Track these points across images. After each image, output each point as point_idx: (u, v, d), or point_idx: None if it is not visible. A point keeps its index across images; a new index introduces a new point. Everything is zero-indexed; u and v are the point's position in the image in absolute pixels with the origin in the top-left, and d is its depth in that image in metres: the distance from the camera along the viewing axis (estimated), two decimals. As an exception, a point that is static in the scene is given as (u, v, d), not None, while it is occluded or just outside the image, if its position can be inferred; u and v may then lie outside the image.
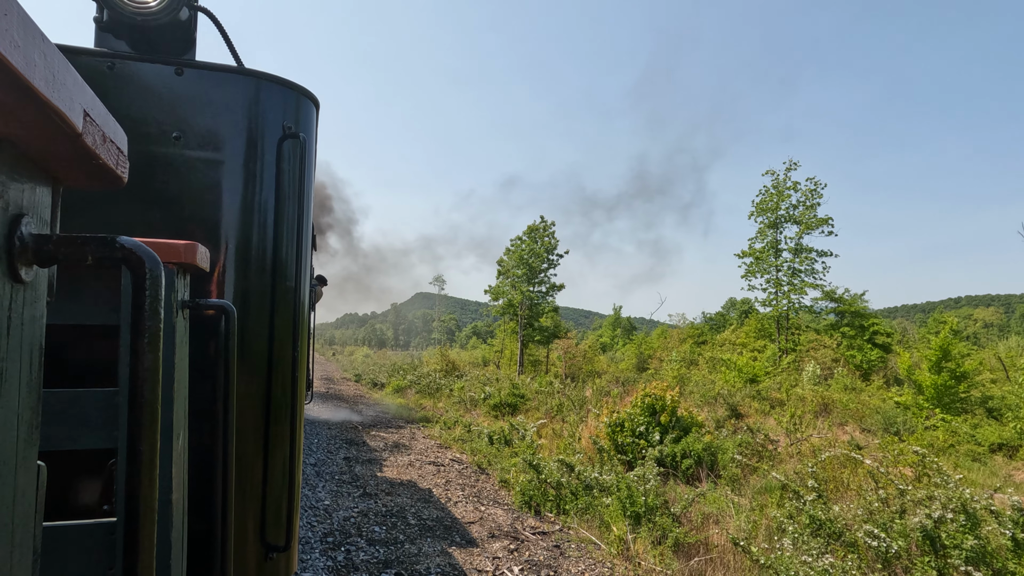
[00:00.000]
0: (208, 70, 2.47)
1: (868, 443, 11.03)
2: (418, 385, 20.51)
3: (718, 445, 8.88)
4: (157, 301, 0.64)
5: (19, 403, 0.60)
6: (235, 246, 2.47)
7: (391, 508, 6.46)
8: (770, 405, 17.00)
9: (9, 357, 0.58)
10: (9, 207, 0.58)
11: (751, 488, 7.28)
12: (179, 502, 1.62)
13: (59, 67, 0.53)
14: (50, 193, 0.68)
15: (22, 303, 0.61)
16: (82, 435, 1.39)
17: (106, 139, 0.65)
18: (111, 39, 2.48)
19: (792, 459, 8.91)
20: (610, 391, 17.65)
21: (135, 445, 0.64)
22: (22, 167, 0.60)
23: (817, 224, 30.34)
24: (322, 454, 9.17)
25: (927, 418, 15.98)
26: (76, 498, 1.86)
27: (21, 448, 0.61)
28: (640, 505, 5.77)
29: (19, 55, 0.46)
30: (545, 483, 6.78)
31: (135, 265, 0.62)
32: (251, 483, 2.44)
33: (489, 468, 8.71)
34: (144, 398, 0.64)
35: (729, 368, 24.21)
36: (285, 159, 2.61)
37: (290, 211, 2.63)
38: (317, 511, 6.20)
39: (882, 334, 29.22)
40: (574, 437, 10.20)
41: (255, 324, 2.50)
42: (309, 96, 2.77)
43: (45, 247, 0.60)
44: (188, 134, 2.41)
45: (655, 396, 9.49)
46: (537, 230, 35.18)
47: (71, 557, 1.33)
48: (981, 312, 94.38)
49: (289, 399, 2.62)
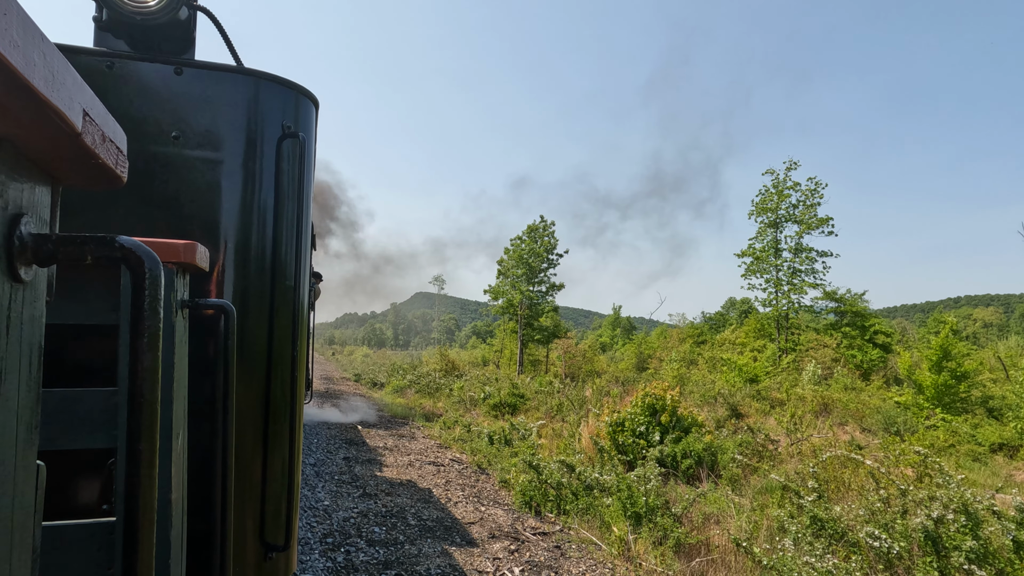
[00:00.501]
0: (207, 69, 2.47)
1: (868, 443, 11.02)
2: (418, 385, 20.53)
3: (718, 445, 8.87)
4: (156, 301, 0.64)
5: (18, 402, 0.60)
6: (234, 246, 2.47)
7: (391, 508, 6.43)
8: (770, 405, 16.99)
9: (8, 356, 0.58)
10: (8, 206, 0.58)
11: (752, 488, 7.27)
12: (178, 502, 1.62)
13: (58, 66, 0.53)
14: (49, 192, 0.68)
15: (21, 302, 0.60)
16: (81, 435, 1.39)
17: (105, 138, 0.65)
18: (110, 38, 2.48)
19: (793, 459, 8.90)
20: (610, 391, 17.64)
21: (134, 445, 0.64)
22: (21, 166, 0.60)
23: (817, 224, 30.32)
24: (321, 454, 9.14)
25: (927, 418, 15.98)
26: (75, 498, 1.86)
27: (20, 447, 0.61)
28: (641, 505, 5.74)
29: (18, 54, 0.46)
30: (545, 483, 6.77)
31: (134, 265, 0.62)
32: (250, 482, 2.44)
33: (489, 468, 8.71)
34: (143, 398, 0.64)
35: (729, 368, 24.21)
36: (284, 159, 2.61)
37: (289, 211, 2.63)
38: (316, 511, 6.18)
39: (882, 334, 29.21)
40: (574, 437, 10.16)
41: (254, 324, 2.50)
42: (308, 95, 2.77)
43: (44, 246, 0.60)
44: (187, 133, 2.41)
45: (655, 396, 9.46)
46: (537, 230, 35.22)
47: (70, 557, 1.33)
48: (981, 312, 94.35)
49: (288, 399, 2.62)
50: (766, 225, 32.20)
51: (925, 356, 17.92)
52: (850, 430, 14.15)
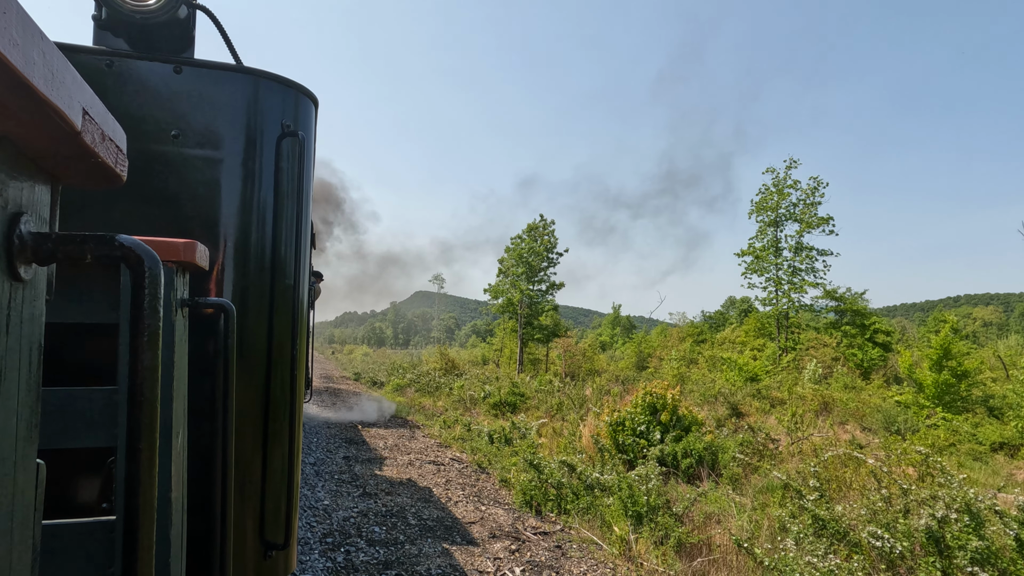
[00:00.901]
0: (207, 68, 2.47)
1: (869, 442, 11.02)
2: (417, 384, 20.52)
3: (719, 444, 8.85)
4: (156, 300, 0.64)
5: (18, 401, 0.60)
6: (234, 244, 2.47)
7: (391, 508, 6.40)
8: (770, 404, 16.99)
9: (8, 355, 0.58)
10: (8, 205, 0.57)
11: (752, 487, 7.23)
12: (178, 500, 1.62)
13: (58, 65, 0.53)
14: (49, 191, 0.68)
15: (21, 301, 0.60)
16: (81, 433, 1.39)
17: (105, 137, 0.65)
18: (110, 37, 2.48)
19: (793, 458, 8.90)
20: (610, 390, 17.58)
21: (134, 443, 0.64)
22: (21, 165, 0.60)
23: (818, 223, 30.30)
24: (321, 453, 9.09)
25: (928, 417, 15.97)
26: (75, 496, 1.86)
27: (20, 446, 0.61)
28: (642, 505, 5.72)
29: (18, 53, 0.46)
30: (546, 483, 6.74)
31: (134, 264, 0.62)
32: (250, 481, 2.44)
33: (489, 467, 8.68)
34: (143, 396, 0.64)
35: (729, 367, 24.20)
36: (284, 157, 2.61)
37: (289, 209, 2.63)
38: (316, 511, 6.13)
39: (882, 333, 29.22)
40: (575, 436, 10.13)
41: (254, 322, 2.51)
42: (308, 94, 2.77)
43: (44, 245, 0.60)
44: (187, 132, 2.41)
45: (656, 395, 9.44)
46: (536, 229, 35.18)
47: (70, 555, 1.33)
48: (980, 311, 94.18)
49: (288, 397, 2.62)
50: (766, 224, 32.19)
51: (926, 355, 17.91)
52: (850, 429, 14.15)
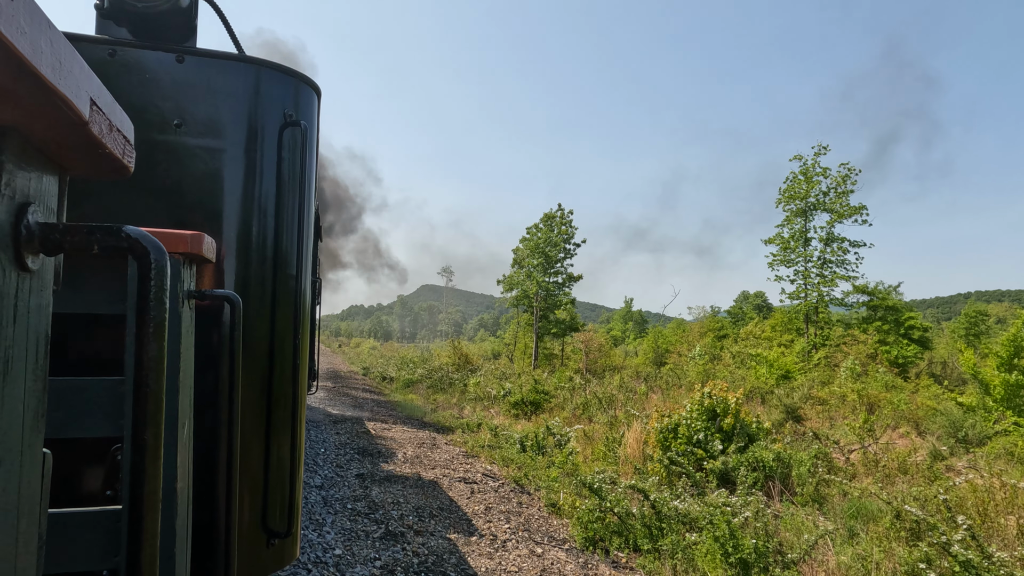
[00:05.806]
0: (209, 57, 2.46)
1: (940, 451, 9.10)
2: (429, 380, 19.68)
3: (790, 455, 7.56)
4: (162, 291, 0.64)
5: (25, 391, 0.61)
6: (236, 234, 2.47)
7: (424, 558, 4.82)
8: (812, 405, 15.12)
9: (16, 345, 0.58)
10: (16, 196, 0.57)
11: (839, 510, 6.17)
12: (184, 490, 1.63)
13: (66, 54, 0.53)
14: (56, 182, 0.68)
15: (28, 292, 0.61)
16: (87, 423, 1.39)
17: (112, 128, 0.65)
18: (112, 26, 2.47)
19: (869, 473, 7.71)
20: (636, 388, 16.49)
21: (140, 434, 0.64)
22: (29, 155, 0.60)
23: (850, 213, 28.25)
24: (330, 470, 7.55)
25: (996, 422, 13.70)
26: (80, 484, 1.87)
27: (27, 435, 0.62)
28: (748, 549, 4.59)
29: (26, 42, 0.45)
30: (609, 511, 5.63)
31: (140, 255, 0.62)
32: (253, 470, 2.46)
33: (528, 485, 7.55)
34: (149, 387, 0.64)
35: (759, 363, 22.36)
36: (286, 147, 2.60)
37: (291, 199, 2.62)
38: (325, 567, 4.44)
39: (918, 329, 27.46)
40: (614, 442, 8.93)
41: (256, 313, 2.51)
42: (310, 83, 2.76)
43: (52, 236, 0.60)
44: (189, 121, 2.41)
45: (717, 398, 8.18)
46: (554, 218, 33.80)
47: (76, 544, 1.34)
48: (995, 307, 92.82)
49: (291, 387, 2.63)
50: (794, 213, 30.11)
51: (993, 352, 15.23)
52: (908, 433, 12.09)
